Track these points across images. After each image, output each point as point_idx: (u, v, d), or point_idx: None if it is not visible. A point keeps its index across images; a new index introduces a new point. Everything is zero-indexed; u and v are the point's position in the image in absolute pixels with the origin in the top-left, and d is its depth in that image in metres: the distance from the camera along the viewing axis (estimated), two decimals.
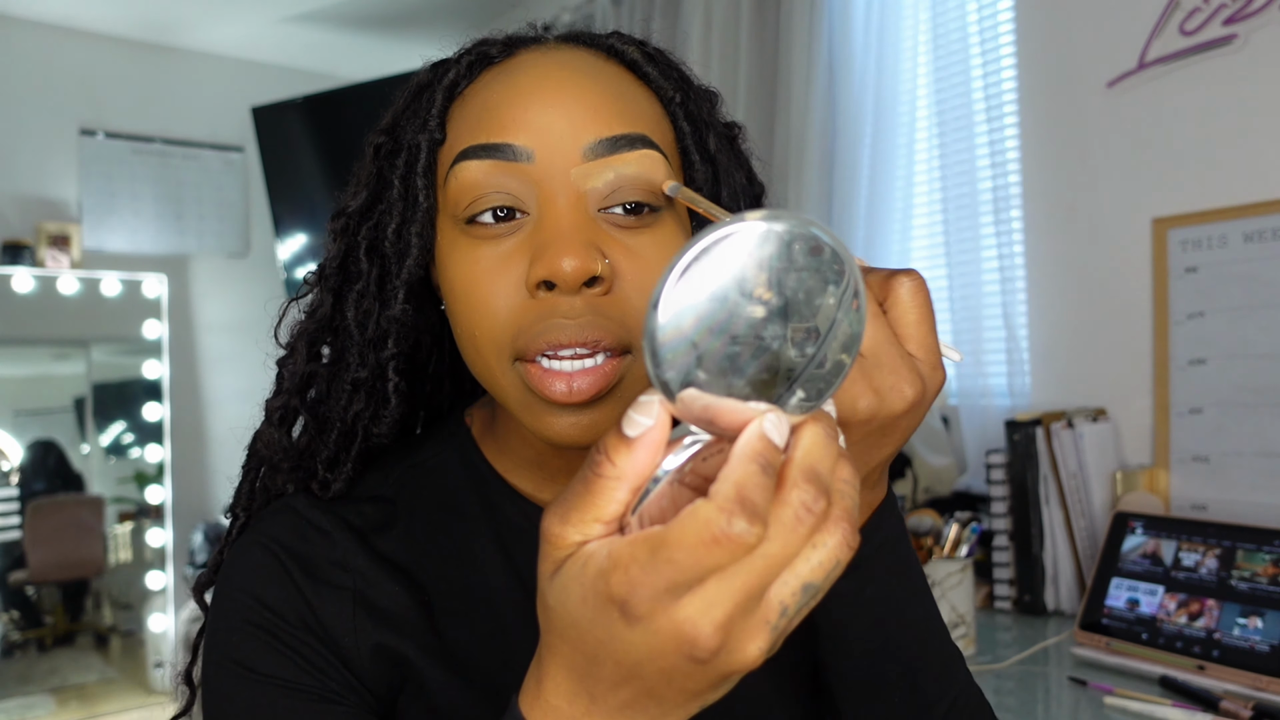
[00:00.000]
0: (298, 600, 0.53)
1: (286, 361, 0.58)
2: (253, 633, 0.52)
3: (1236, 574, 1.08)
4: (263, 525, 0.56)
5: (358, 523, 0.56)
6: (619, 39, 0.55)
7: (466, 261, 0.50)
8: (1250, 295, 1.29)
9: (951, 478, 1.62)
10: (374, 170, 0.55)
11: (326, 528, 0.55)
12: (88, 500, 3.02)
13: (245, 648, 0.52)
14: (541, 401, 0.48)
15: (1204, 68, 1.35)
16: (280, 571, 0.54)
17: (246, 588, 0.53)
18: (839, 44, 1.84)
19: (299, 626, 0.52)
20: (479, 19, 3.18)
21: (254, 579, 0.54)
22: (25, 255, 2.85)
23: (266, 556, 0.54)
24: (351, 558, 0.54)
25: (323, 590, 0.53)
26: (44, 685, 2.86)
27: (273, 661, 0.51)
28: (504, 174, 0.49)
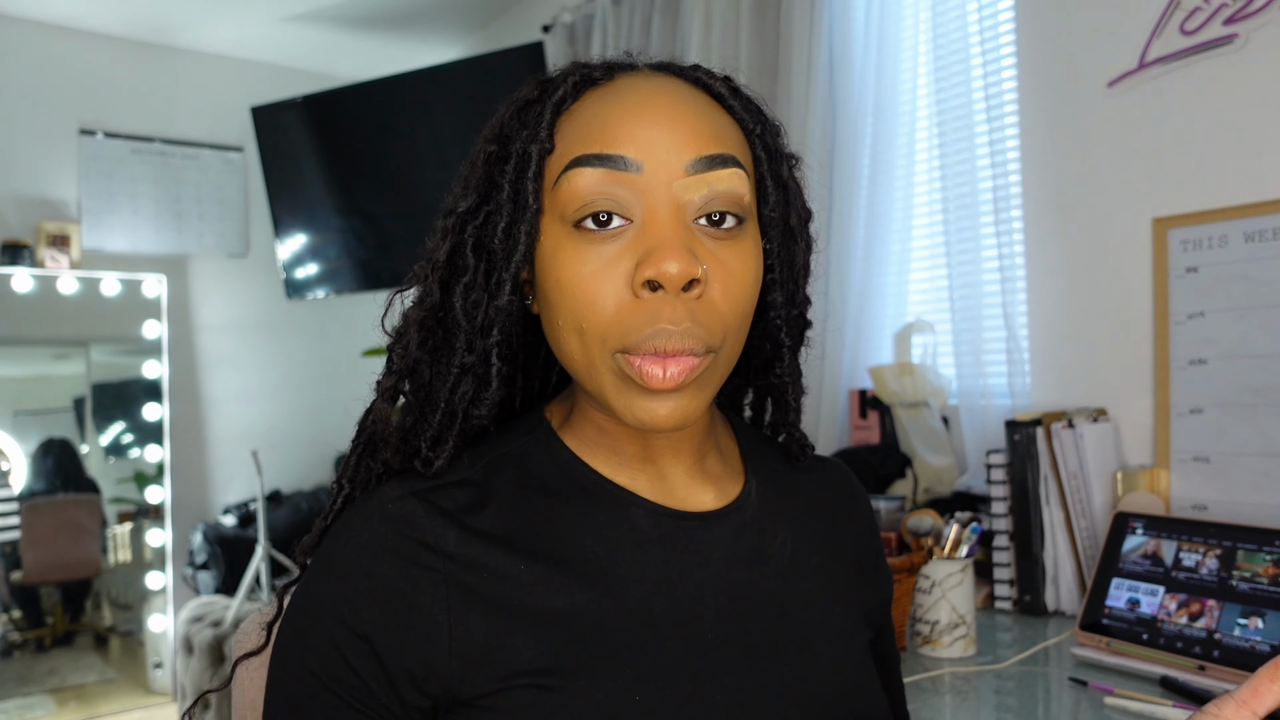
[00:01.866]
0: (401, 583, 0.55)
1: (395, 346, 0.62)
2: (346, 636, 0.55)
3: (1237, 574, 1.08)
4: (361, 516, 0.57)
5: (449, 506, 0.58)
6: (704, 73, 0.61)
7: (576, 260, 0.55)
8: (1250, 295, 1.29)
9: (952, 478, 1.62)
10: (484, 174, 0.60)
11: (419, 513, 0.57)
12: (85, 500, 3.01)
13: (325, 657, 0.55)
14: (636, 387, 0.54)
15: (1204, 68, 1.35)
16: (379, 562, 0.55)
17: (351, 572, 0.56)
18: (839, 44, 1.84)
19: (397, 616, 0.54)
20: (479, 19, 3.18)
21: (357, 565, 0.56)
22: (25, 255, 2.85)
23: (367, 542, 0.56)
24: (444, 541, 0.56)
25: (416, 574, 0.55)
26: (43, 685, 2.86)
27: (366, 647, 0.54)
28: (614, 182, 0.54)
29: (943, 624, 1.16)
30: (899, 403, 1.68)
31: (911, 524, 1.28)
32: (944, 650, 1.16)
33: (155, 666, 3.00)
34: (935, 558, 1.19)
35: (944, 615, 1.16)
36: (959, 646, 1.16)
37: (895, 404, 1.68)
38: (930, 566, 1.17)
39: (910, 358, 1.70)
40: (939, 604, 1.16)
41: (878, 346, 1.82)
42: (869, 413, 1.78)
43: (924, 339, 1.70)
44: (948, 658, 1.16)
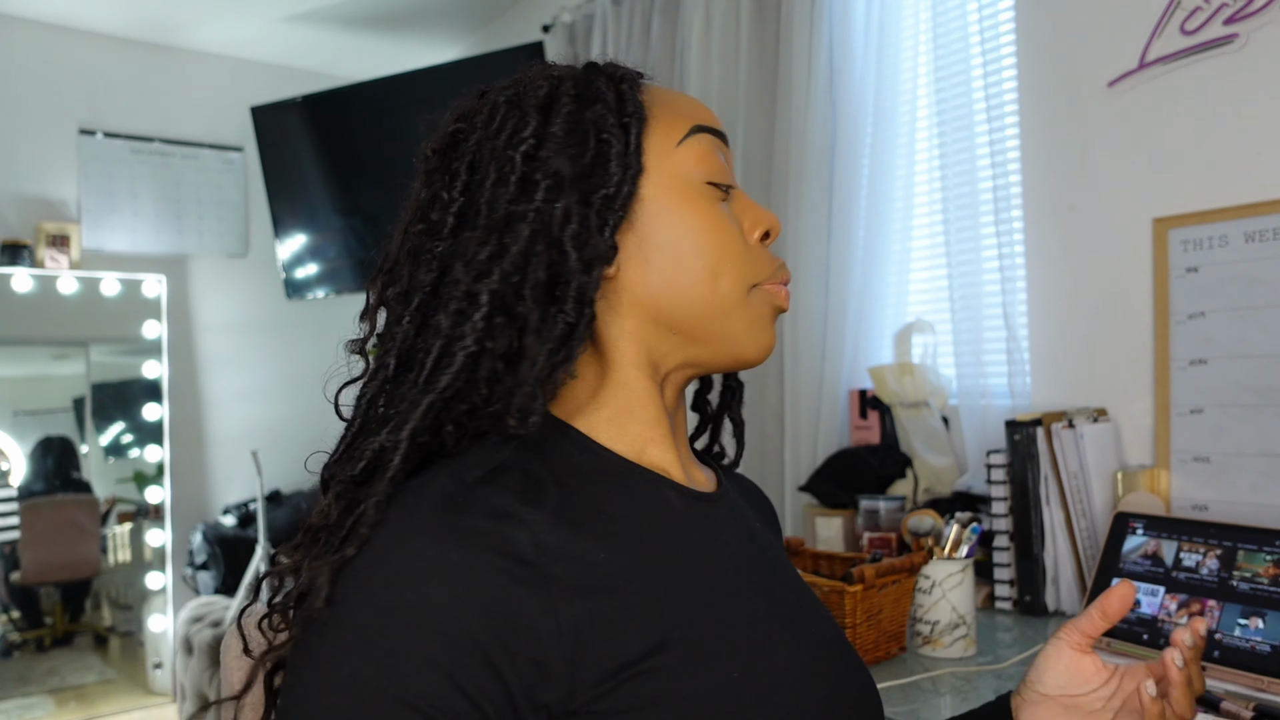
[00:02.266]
0: (501, 585, 0.49)
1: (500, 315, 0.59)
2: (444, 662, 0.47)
3: (1237, 574, 1.08)
4: (431, 513, 0.51)
5: (519, 493, 0.53)
6: None
7: (713, 212, 0.63)
8: (1250, 295, 1.29)
9: (952, 478, 1.62)
10: (594, 143, 0.62)
11: (503, 503, 0.52)
12: (83, 500, 3.01)
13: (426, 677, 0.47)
14: (764, 320, 0.64)
15: (1204, 67, 1.35)
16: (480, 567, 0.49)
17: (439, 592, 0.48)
18: (839, 44, 1.84)
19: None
20: (479, 19, 3.18)
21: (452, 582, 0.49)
22: (25, 255, 2.85)
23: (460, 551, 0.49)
24: (536, 531, 0.51)
25: (514, 571, 0.49)
26: (43, 686, 2.85)
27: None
28: (722, 153, 0.65)
29: (943, 624, 1.16)
30: (899, 403, 1.68)
31: (911, 524, 1.28)
32: (944, 650, 1.16)
33: (155, 667, 3.00)
34: (935, 558, 1.19)
35: (944, 615, 1.16)
36: (959, 646, 1.16)
37: (895, 404, 1.68)
38: (930, 566, 1.17)
39: (910, 358, 1.70)
40: (939, 604, 1.16)
41: (878, 346, 1.82)
42: (869, 413, 1.78)
43: (924, 339, 1.70)
44: (948, 658, 1.16)
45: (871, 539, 1.51)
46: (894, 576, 1.15)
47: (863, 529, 1.53)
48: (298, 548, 0.56)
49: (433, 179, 0.65)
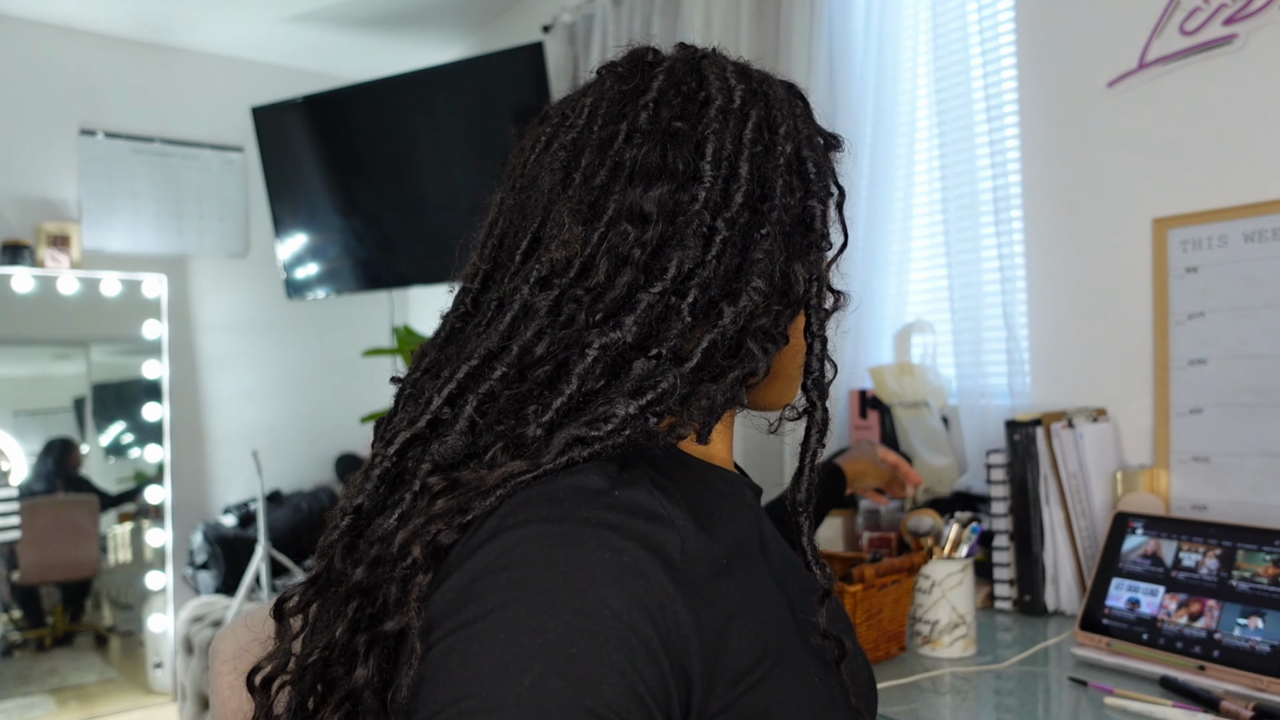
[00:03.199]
0: (661, 593, 0.46)
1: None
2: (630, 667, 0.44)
3: (1237, 574, 1.08)
4: (595, 518, 0.47)
5: (660, 493, 0.51)
6: None
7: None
8: (1250, 295, 1.29)
9: (951, 478, 1.62)
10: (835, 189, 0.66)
11: (652, 507, 0.50)
12: (82, 500, 3.01)
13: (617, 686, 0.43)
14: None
15: (1204, 68, 1.35)
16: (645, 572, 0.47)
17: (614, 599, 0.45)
18: (839, 44, 1.84)
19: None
20: (479, 19, 3.18)
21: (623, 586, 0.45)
22: (25, 255, 2.85)
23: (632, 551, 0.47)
24: (684, 537, 0.49)
25: (666, 578, 0.47)
26: (44, 685, 2.86)
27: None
28: None
29: (943, 624, 1.16)
30: (899, 403, 1.68)
31: (911, 524, 1.28)
32: (944, 650, 1.16)
33: (155, 666, 3.00)
34: (935, 557, 1.19)
35: (944, 615, 1.16)
36: (959, 646, 1.16)
37: (895, 404, 1.68)
38: (930, 566, 1.17)
39: (910, 358, 1.70)
40: (939, 604, 1.16)
41: (878, 346, 1.82)
42: (869, 413, 1.78)
43: (924, 339, 1.70)
44: (948, 658, 1.16)
45: (871, 539, 1.51)
46: (894, 576, 1.15)
47: (862, 529, 1.53)
48: (405, 518, 0.51)
49: (676, 138, 0.58)
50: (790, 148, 0.61)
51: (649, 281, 0.54)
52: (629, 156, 0.57)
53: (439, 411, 0.54)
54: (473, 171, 2.64)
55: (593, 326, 0.53)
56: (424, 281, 2.85)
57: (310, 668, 0.51)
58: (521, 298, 0.55)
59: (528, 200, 0.61)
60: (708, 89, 0.60)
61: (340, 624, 0.50)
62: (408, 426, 0.54)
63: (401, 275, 2.90)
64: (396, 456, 0.54)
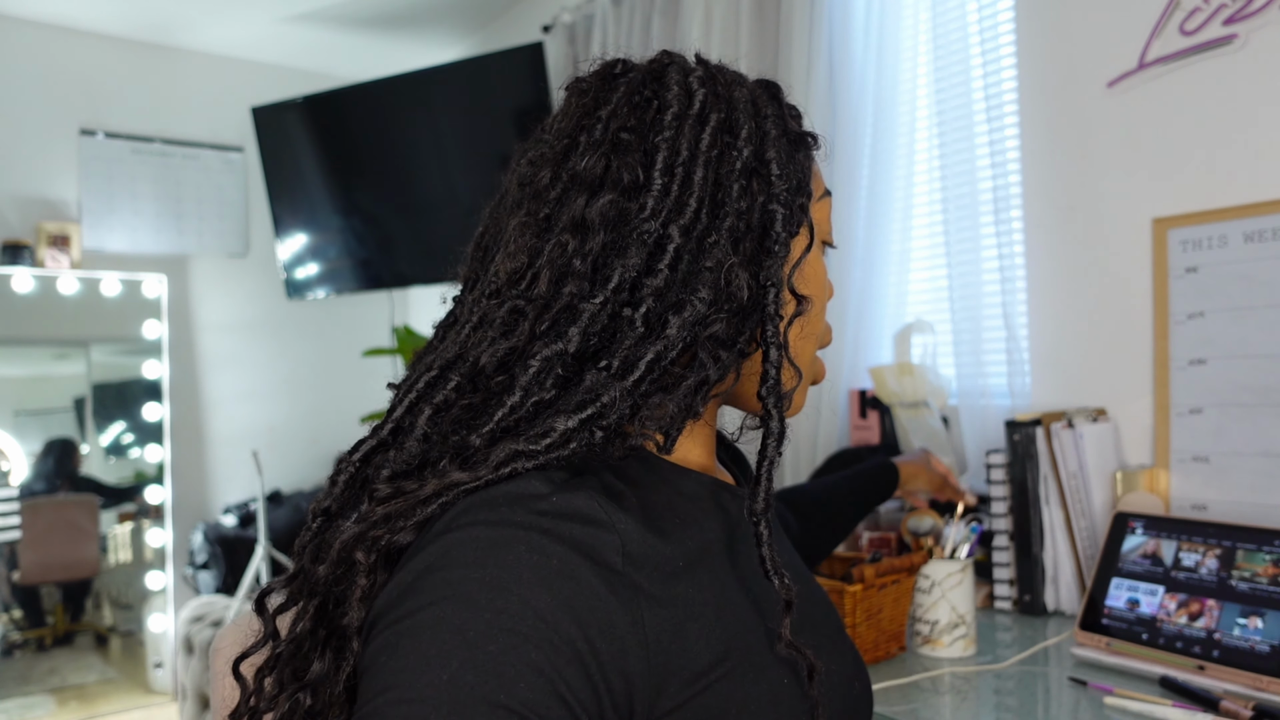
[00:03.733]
0: (597, 593, 0.48)
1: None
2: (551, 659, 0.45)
3: (1237, 574, 1.08)
4: (530, 519, 0.49)
5: (608, 498, 0.52)
6: None
7: (824, 273, 0.66)
8: (1250, 295, 1.29)
9: None
10: (802, 193, 0.66)
11: (595, 510, 0.50)
12: (82, 500, 3.02)
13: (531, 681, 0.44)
14: (805, 388, 0.65)
15: (1204, 68, 1.35)
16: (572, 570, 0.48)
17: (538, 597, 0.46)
18: (839, 44, 1.84)
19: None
20: (479, 19, 3.18)
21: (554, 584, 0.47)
22: (25, 255, 2.85)
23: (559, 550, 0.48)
24: (626, 539, 0.50)
25: (607, 579, 0.48)
26: (44, 685, 2.86)
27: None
28: None
29: (943, 624, 1.16)
30: (899, 403, 1.68)
31: (911, 524, 1.28)
32: (944, 650, 1.16)
33: (155, 666, 3.01)
34: (935, 557, 1.19)
35: (944, 615, 1.16)
36: (959, 646, 1.16)
37: (895, 404, 1.68)
38: (930, 566, 1.17)
39: (910, 358, 1.70)
40: (939, 604, 1.16)
41: (878, 346, 1.82)
42: (869, 413, 1.78)
43: (924, 339, 1.70)
44: (948, 658, 1.16)
45: (871, 538, 1.51)
46: (894, 576, 1.15)
47: (863, 529, 1.53)
48: (357, 523, 0.52)
49: (621, 148, 0.58)
50: (749, 150, 0.60)
51: (592, 291, 0.55)
52: (578, 168, 0.58)
53: (400, 420, 0.56)
54: (472, 171, 2.64)
55: (538, 338, 0.54)
56: (424, 281, 2.85)
57: (280, 658, 0.54)
58: (480, 309, 0.57)
59: (501, 212, 0.64)
60: (663, 96, 0.60)
61: (305, 619, 0.53)
62: (373, 434, 0.57)
63: (401, 275, 2.90)
64: (360, 462, 0.57)
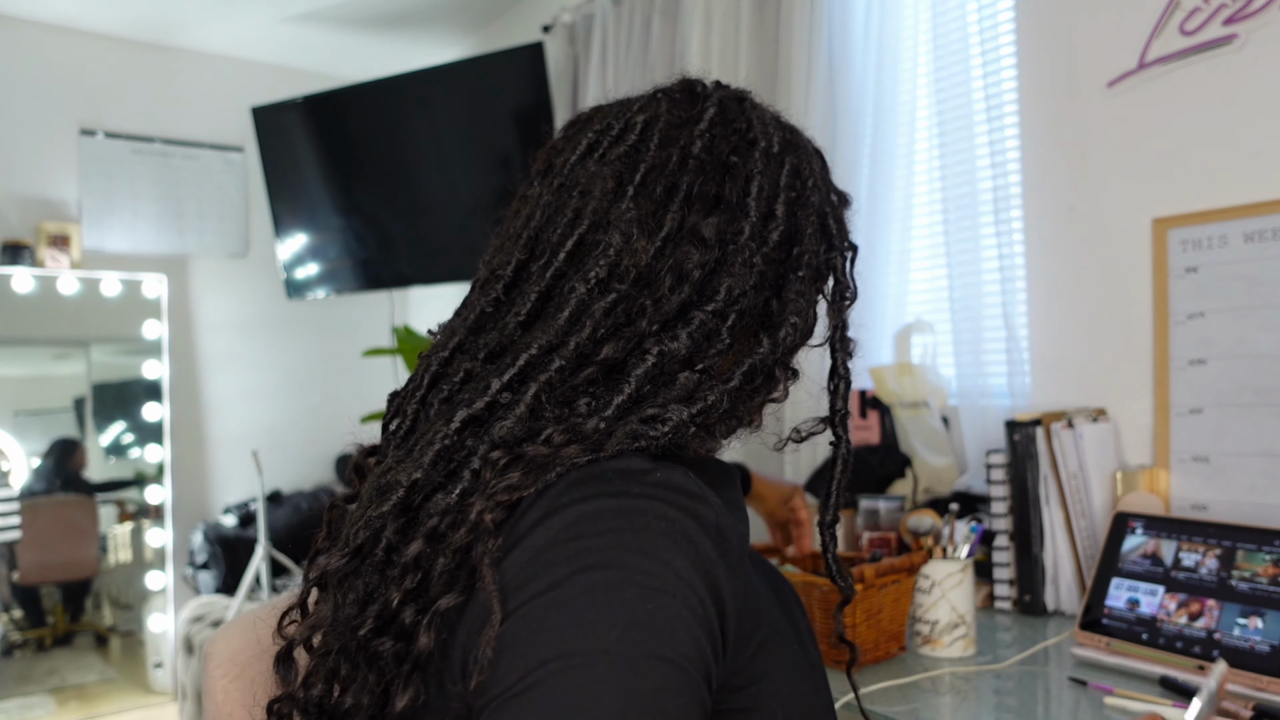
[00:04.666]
0: (712, 561, 0.51)
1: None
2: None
3: (1237, 574, 1.08)
4: (667, 491, 0.52)
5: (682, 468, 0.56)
6: None
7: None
8: (1250, 295, 1.29)
9: (951, 478, 1.62)
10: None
11: (696, 485, 0.54)
12: (83, 501, 3.02)
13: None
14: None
15: (1204, 68, 1.35)
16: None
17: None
18: (839, 44, 1.84)
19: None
20: (479, 19, 3.18)
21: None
22: (25, 255, 2.85)
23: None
24: (719, 514, 0.53)
25: (713, 549, 0.51)
26: (44, 685, 2.86)
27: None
28: None
29: (943, 624, 1.16)
30: (899, 403, 1.68)
31: (911, 524, 1.28)
32: (944, 650, 1.16)
33: (156, 666, 3.01)
34: (935, 557, 1.19)
35: (944, 615, 1.16)
36: (959, 646, 1.16)
37: (895, 404, 1.68)
38: (930, 566, 1.17)
39: (910, 358, 1.70)
40: (939, 604, 1.16)
41: (878, 346, 1.82)
42: (869, 413, 1.78)
43: (924, 339, 1.70)
44: (948, 658, 1.16)
45: (871, 539, 1.51)
46: (894, 576, 1.15)
47: (863, 529, 1.53)
48: (467, 493, 0.54)
49: (731, 172, 0.64)
50: (817, 199, 0.67)
51: (703, 300, 0.60)
52: (686, 181, 0.62)
53: (498, 395, 0.57)
54: (473, 171, 2.64)
55: (650, 335, 0.58)
56: (424, 281, 2.85)
57: (361, 638, 0.53)
58: (578, 296, 0.59)
59: (568, 201, 0.64)
60: (754, 130, 0.66)
61: (394, 594, 0.52)
62: (467, 406, 0.57)
63: (401, 275, 2.90)
64: (455, 435, 0.56)
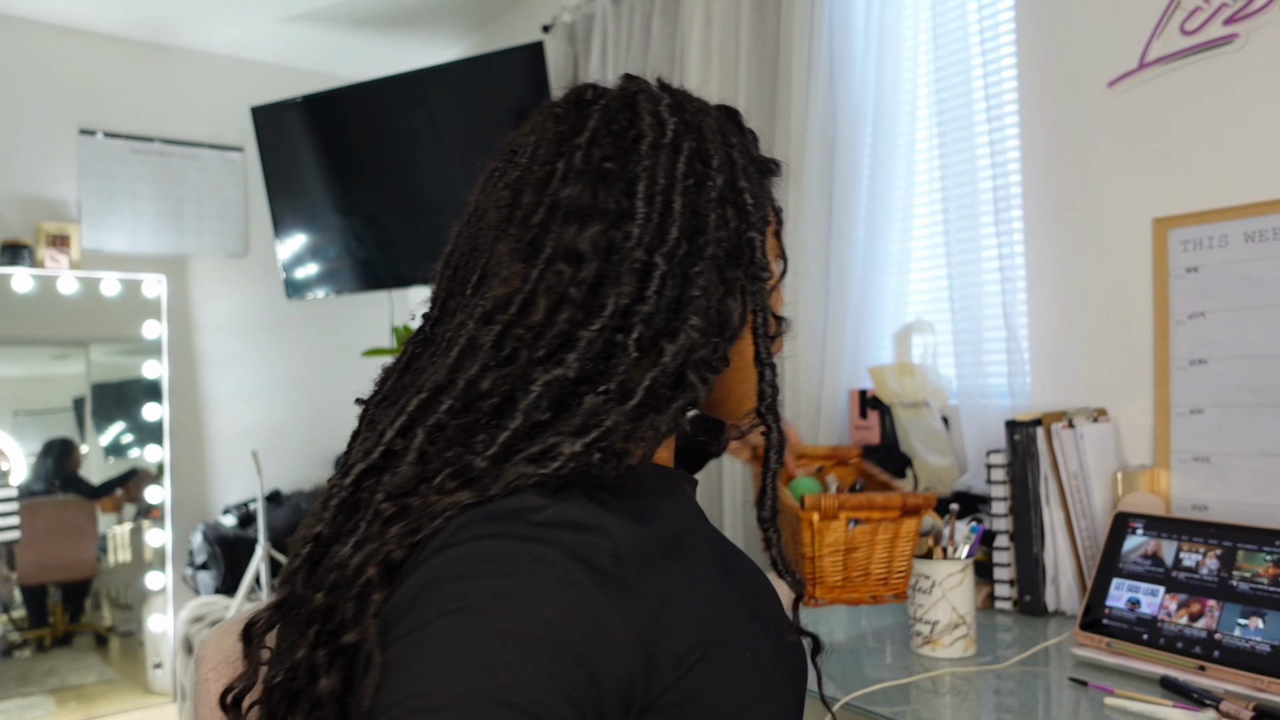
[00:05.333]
0: (595, 596, 0.50)
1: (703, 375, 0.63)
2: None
3: (1237, 574, 1.08)
4: (536, 529, 0.51)
5: (608, 504, 0.55)
6: None
7: (780, 296, 0.66)
8: (1250, 295, 1.29)
9: (952, 478, 1.62)
10: (775, 219, 0.70)
11: (594, 516, 0.53)
12: (82, 501, 3.01)
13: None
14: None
15: (1204, 68, 1.35)
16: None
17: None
18: (839, 44, 1.84)
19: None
20: (479, 19, 3.18)
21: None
22: (25, 255, 2.85)
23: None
24: (617, 543, 0.52)
25: (602, 582, 0.50)
26: (43, 686, 2.86)
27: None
28: None
29: (943, 624, 1.16)
30: (899, 403, 1.67)
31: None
32: (944, 650, 1.16)
33: (155, 667, 3.00)
34: (935, 558, 1.19)
35: (944, 615, 1.16)
36: (959, 646, 1.16)
37: (895, 404, 1.68)
38: (930, 566, 1.17)
39: (910, 358, 1.70)
40: (939, 604, 1.16)
41: (878, 346, 1.82)
42: (869, 413, 1.78)
43: (924, 339, 1.70)
44: (948, 658, 1.16)
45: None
46: (873, 514, 1.09)
47: None
48: (360, 544, 0.53)
49: (606, 177, 0.61)
50: (723, 179, 0.63)
51: (588, 319, 0.57)
52: (563, 196, 0.60)
53: (391, 443, 0.57)
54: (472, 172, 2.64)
55: (536, 364, 0.56)
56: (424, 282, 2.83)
57: (276, 687, 0.54)
58: (467, 332, 0.59)
59: (477, 233, 0.65)
60: (639, 125, 0.63)
61: (302, 645, 0.53)
62: (363, 458, 0.58)
63: (401, 275, 2.90)
64: (353, 486, 0.57)
